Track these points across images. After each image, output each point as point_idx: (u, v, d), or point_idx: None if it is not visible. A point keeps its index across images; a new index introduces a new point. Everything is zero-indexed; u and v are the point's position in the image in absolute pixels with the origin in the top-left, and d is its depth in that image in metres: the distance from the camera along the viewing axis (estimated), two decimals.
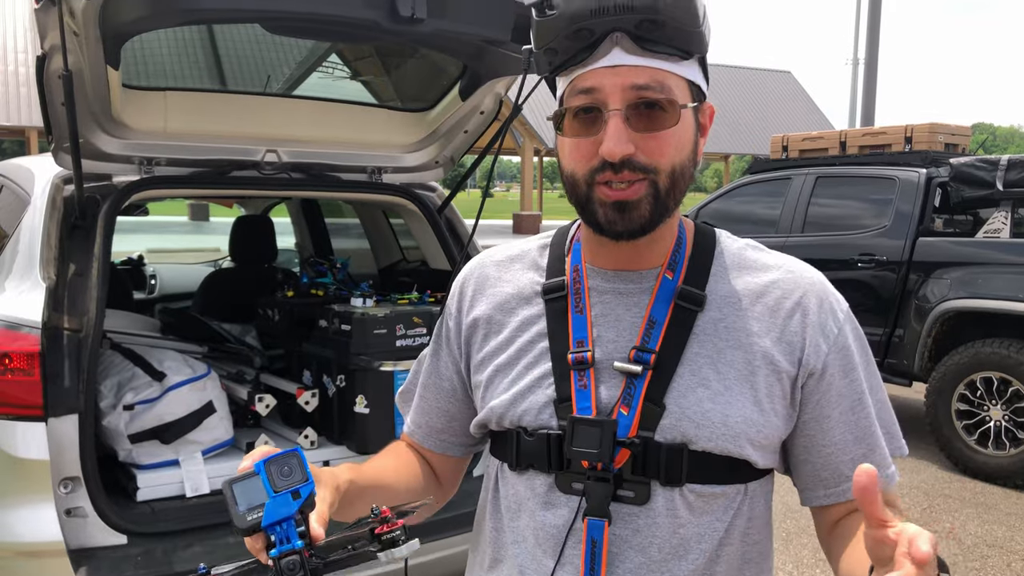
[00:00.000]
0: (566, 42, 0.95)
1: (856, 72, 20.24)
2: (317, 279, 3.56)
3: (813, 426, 1.03)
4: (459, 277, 1.21)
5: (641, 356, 1.01)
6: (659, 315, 1.03)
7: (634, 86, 0.94)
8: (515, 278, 1.14)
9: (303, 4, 2.12)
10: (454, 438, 1.22)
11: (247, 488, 0.86)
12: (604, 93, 0.95)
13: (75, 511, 2.36)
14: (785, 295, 1.04)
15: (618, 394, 1.01)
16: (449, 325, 1.19)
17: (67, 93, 2.26)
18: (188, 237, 20.95)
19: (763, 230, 6.58)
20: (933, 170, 5.80)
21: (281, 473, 0.87)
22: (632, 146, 0.95)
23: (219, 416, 2.85)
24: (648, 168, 0.96)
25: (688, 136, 1.00)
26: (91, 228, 2.59)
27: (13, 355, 2.33)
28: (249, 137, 2.95)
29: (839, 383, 1.03)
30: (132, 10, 2.10)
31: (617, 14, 0.92)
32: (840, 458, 1.04)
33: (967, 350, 5.26)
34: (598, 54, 0.95)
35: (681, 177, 0.99)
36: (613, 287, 1.06)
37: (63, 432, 2.33)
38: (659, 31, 0.93)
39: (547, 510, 1.04)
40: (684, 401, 0.99)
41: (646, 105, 0.95)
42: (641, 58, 0.94)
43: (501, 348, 1.10)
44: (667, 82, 0.96)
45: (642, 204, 0.97)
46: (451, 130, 3.18)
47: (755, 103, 32.58)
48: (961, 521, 4.55)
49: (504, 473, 1.11)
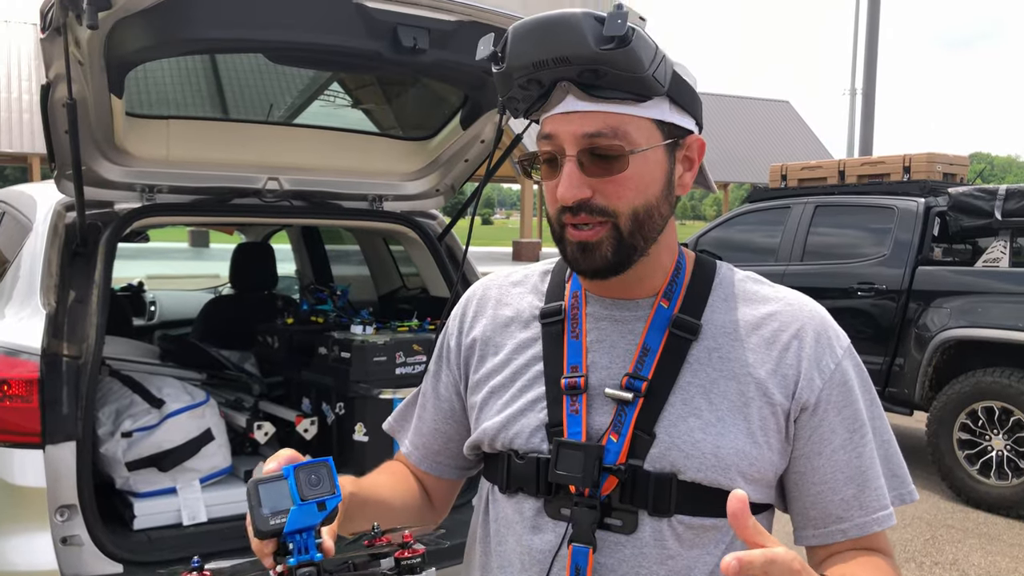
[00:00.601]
0: (521, 91, 0.98)
1: (854, 102, 20.39)
2: (317, 306, 3.57)
3: (803, 463, 1.02)
4: (462, 298, 1.22)
5: (633, 383, 1.01)
6: (653, 343, 1.03)
7: (585, 134, 0.96)
8: (515, 301, 1.15)
9: (306, 35, 2.15)
10: (450, 460, 1.23)
11: (273, 491, 0.85)
12: (560, 139, 0.97)
13: (71, 539, 2.34)
14: (782, 327, 1.03)
15: (609, 420, 1.01)
16: (450, 345, 1.20)
17: (71, 121, 2.27)
18: (188, 263, 20.98)
19: (762, 258, 6.59)
20: (932, 199, 5.83)
21: (310, 482, 0.86)
22: (587, 190, 0.97)
23: (217, 444, 2.84)
24: (607, 211, 0.98)
25: (655, 175, 1.00)
26: (92, 255, 2.59)
27: (12, 381, 2.33)
28: (251, 165, 2.96)
29: (832, 419, 1.01)
30: (136, 40, 2.12)
31: (556, 67, 0.93)
32: (829, 497, 1.02)
33: (968, 379, 5.25)
34: (552, 101, 0.97)
35: (647, 217, 1.00)
36: (609, 314, 1.07)
37: (61, 459, 2.32)
38: (603, 79, 0.93)
39: (534, 534, 1.04)
40: (674, 430, 0.99)
41: (599, 151, 0.96)
42: (593, 103, 0.95)
43: (497, 370, 1.11)
44: (623, 127, 0.96)
45: (603, 245, 0.98)
46: (452, 159, 3.20)
47: (754, 132, 32.78)
48: (964, 552, 4.51)
49: (495, 496, 1.11)
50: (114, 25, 2.03)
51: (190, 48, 2.36)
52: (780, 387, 1.01)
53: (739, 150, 30.44)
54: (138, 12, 1.99)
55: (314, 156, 3.08)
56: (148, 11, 1.98)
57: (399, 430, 1.28)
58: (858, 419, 1.02)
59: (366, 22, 2.11)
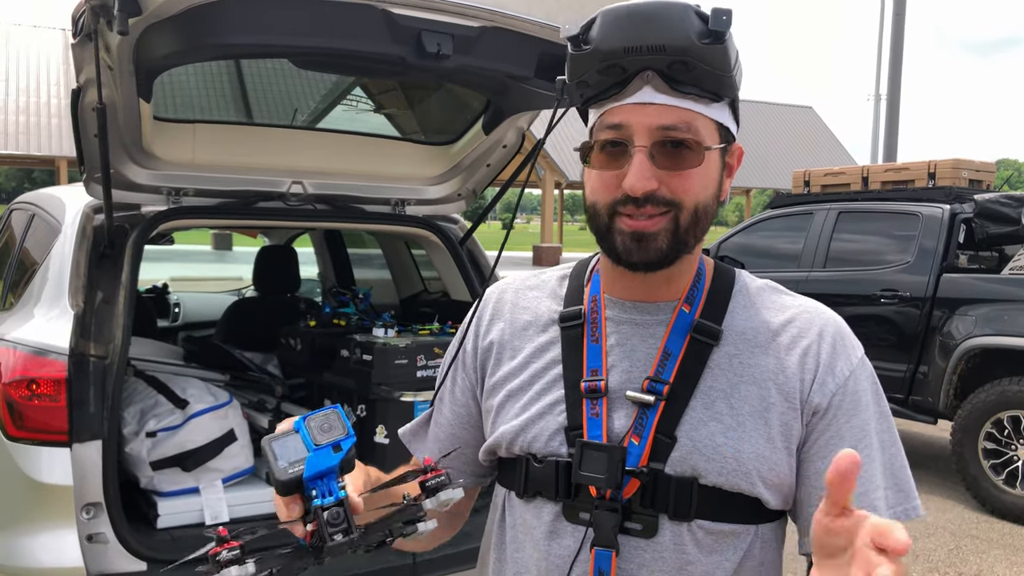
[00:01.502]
0: (598, 77, 0.97)
1: (878, 107, 20.25)
2: (339, 309, 3.59)
3: (807, 467, 1.01)
4: (481, 303, 1.21)
5: (654, 387, 1.01)
6: (674, 347, 1.02)
7: (661, 126, 0.96)
8: (533, 305, 1.15)
9: (332, 40, 2.17)
10: (466, 467, 1.20)
11: (287, 444, 0.86)
12: (631, 129, 0.96)
13: (96, 537, 2.37)
14: (801, 334, 1.03)
15: (630, 424, 1.00)
16: (467, 348, 1.19)
17: (100, 126, 2.31)
18: (211, 266, 21.16)
19: (785, 265, 6.56)
20: (957, 206, 5.77)
21: (321, 428, 0.87)
22: (655, 182, 0.96)
23: (240, 444, 2.86)
24: (672, 202, 0.97)
25: (713, 176, 1.01)
26: (119, 257, 2.63)
27: (40, 380, 2.37)
28: (275, 169, 2.99)
29: (840, 425, 1.00)
30: (165, 45, 2.15)
31: (649, 54, 0.93)
32: None
33: (993, 388, 5.19)
34: (628, 91, 0.96)
35: (704, 215, 1.00)
36: (630, 318, 1.06)
37: (87, 458, 2.36)
38: (690, 73, 0.94)
39: (553, 540, 1.03)
40: (696, 434, 0.99)
41: (672, 144, 0.96)
42: (670, 98, 0.96)
43: (515, 373, 1.11)
44: (694, 123, 0.97)
45: (660, 236, 0.98)
46: (474, 163, 3.21)
47: (777, 138, 32.60)
48: (989, 563, 4.46)
49: (511, 501, 1.10)
50: (144, 31, 2.06)
51: (218, 53, 2.39)
52: (797, 392, 1.00)
53: (762, 156, 30.28)
54: (167, 18, 2.02)
55: (337, 160, 3.11)
56: (177, 17, 2.01)
57: (413, 441, 1.26)
58: (865, 429, 1.00)
59: (391, 28, 2.13)
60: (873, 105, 21.00)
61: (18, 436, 2.36)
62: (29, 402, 2.36)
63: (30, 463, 2.33)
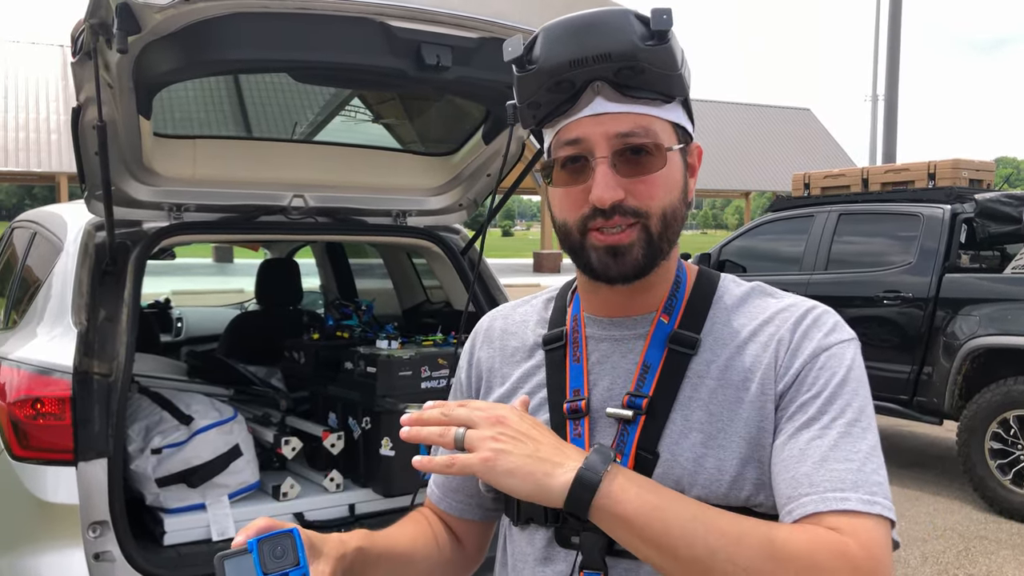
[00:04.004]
0: (548, 95, 0.96)
1: (876, 108, 20.27)
2: (343, 321, 3.59)
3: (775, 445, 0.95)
4: (472, 334, 1.22)
5: (633, 402, 0.99)
6: (653, 360, 1.01)
7: (618, 134, 0.96)
8: (520, 331, 1.15)
9: (332, 55, 2.17)
10: (468, 499, 1.18)
11: (238, 565, 0.86)
12: (590, 142, 0.96)
13: (103, 555, 2.36)
14: (777, 329, 1.00)
15: (611, 442, 0.99)
16: (461, 379, 1.20)
17: (101, 143, 2.32)
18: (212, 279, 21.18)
19: (786, 267, 6.57)
20: (958, 206, 5.77)
21: (274, 554, 0.87)
22: (621, 191, 0.95)
23: (246, 459, 2.86)
24: (639, 212, 0.97)
25: (677, 178, 1.01)
26: (121, 274, 2.64)
27: (45, 399, 2.37)
28: (276, 183, 3.00)
29: (803, 397, 0.94)
30: (164, 62, 2.16)
31: (596, 63, 0.93)
32: (784, 475, 0.92)
33: (998, 388, 5.18)
34: (580, 104, 0.96)
35: (673, 218, 0.99)
36: (609, 334, 1.06)
37: (92, 476, 2.35)
38: (639, 77, 0.94)
39: (546, 565, 1.03)
40: (677, 448, 0.97)
41: (632, 151, 0.96)
42: (623, 104, 0.96)
43: (504, 399, 1.10)
44: (651, 127, 0.97)
45: (635, 248, 0.97)
46: (474, 173, 3.22)
47: (775, 140, 32.66)
48: (998, 564, 4.44)
49: (510, 531, 1.10)
50: (143, 48, 2.07)
51: (217, 69, 2.40)
52: (772, 381, 0.97)
53: (760, 159, 30.32)
54: (166, 35, 2.02)
55: (338, 173, 3.12)
56: (175, 34, 2.02)
57: None
58: (830, 405, 0.93)
59: (390, 41, 2.13)
60: (871, 106, 21.04)
61: (23, 456, 2.36)
62: (34, 421, 2.35)
63: (36, 482, 2.33)
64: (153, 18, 1.90)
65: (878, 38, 19.78)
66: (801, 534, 0.85)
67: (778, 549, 0.83)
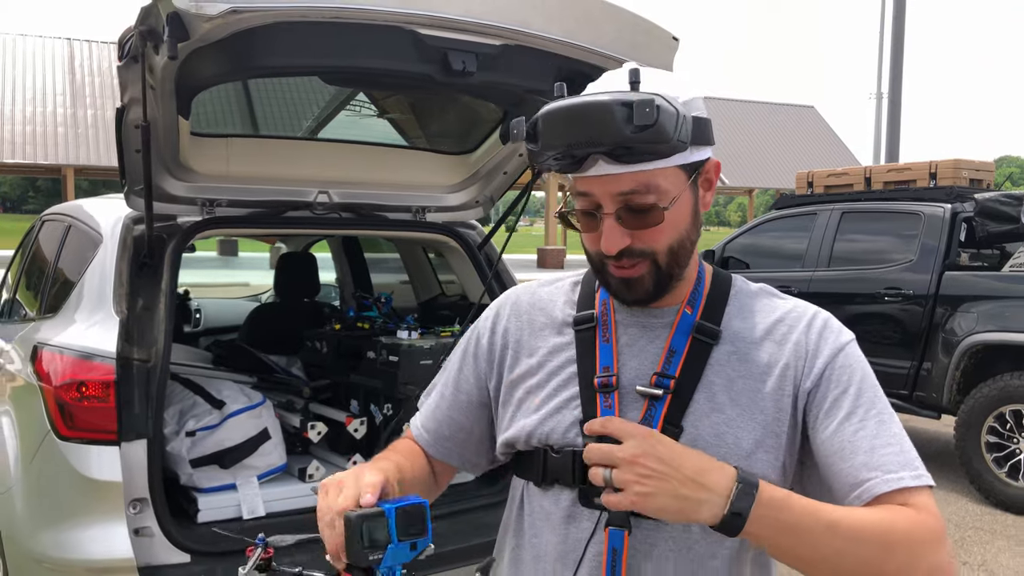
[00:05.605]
0: (556, 162, 1.07)
1: (880, 106, 20.35)
2: (363, 313, 3.73)
3: (816, 435, 1.09)
4: (495, 302, 1.32)
5: (661, 381, 1.12)
6: (678, 346, 1.15)
7: (621, 192, 1.06)
8: (549, 308, 1.26)
9: (363, 60, 2.30)
10: (456, 448, 1.31)
11: (373, 527, 0.91)
12: (597, 198, 1.08)
13: (143, 531, 2.50)
14: (790, 330, 1.15)
15: (640, 415, 1.12)
16: (482, 343, 1.29)
17: (144, 142, 2.45)
18: (217, 272, 21.30)
19: (789, 264, 6.68)
20: (958, 205, 5.89)
21: (408, 522, 0.93)
22: (627, 239, 1.08)
23: (274, 443, 3.00)
24: (646, 252, 1.10)
25: (684, 214, 1.11)
26: (158, 265, 2.77)
27: (89, 383, 2.51)
28: (303, 180, 3.13)
29: (835, 394, 1.09)
30: (207, 67, 2.28)
31: (590, 147, 1.03)
32: (839, 467, 1.06)
33: (995, 383, 5.31)
34: (585, 167, 1.06)
35: (681, 248, 1.12)
36: (638, 321, 1.19)
37: (133, 456, 2.49)
38: (632, 152, 1.03)
39: (570, 524, 1.14)
40: (700, 424, 1.11)
41: (634, 208, 1.07)
42: (624, 166, 1.04)
43: (532, 372, 1.22)
44: (654, 181, 1.06)
45: (645, 280, 1.12)
46: (491, 172, 3.35)
47: (779, 138, 32.70)
48: (993, 553, 4.58)
49: (529, 491, 1.20)
50: (188, 54, 2.20)
51: (256, 74, 2.53)
52: (791, 379, 1.12)
53: (764, 156, 30.37)
54: (212, 42, 2.15)
55: (361, 170, 3.24)
56: (221, 41, 2.14)
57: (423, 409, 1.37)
58: (862, 397, 1.09)
59: (419, 48, 2.25)
60: (875, 103, 21.10)
61: (69, 436, 2.50)
62: (79, 403, 2.49)
63: (82, 461, 2.47)
64: (202, 27, 2.02)
65: (883, 35, 19.85)
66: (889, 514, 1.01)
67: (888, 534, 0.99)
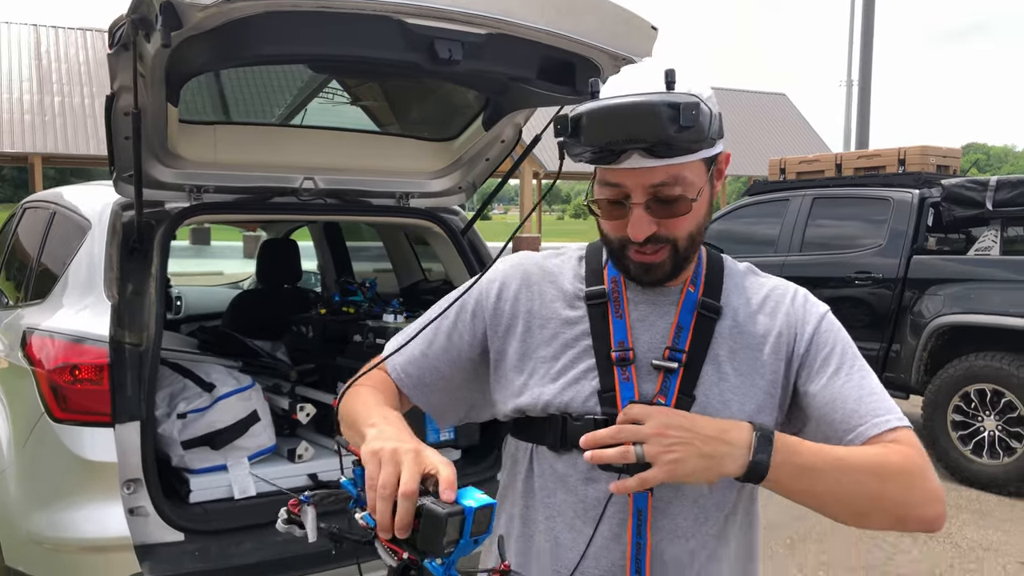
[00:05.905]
0: (592, 154, 1.14)
1: (850, 93, 20.59)
2: (348, 298, 3.78)
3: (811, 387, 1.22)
4: (500, 268, 1.36)
5: (674, 355, 1.22)
6: (685, 322, 1.25)
7: (652, 184, 1.14)
8: (559, 280, 1.33)
9: (351, 49, 2.34)
10: (432, 395, 1.35)
11: (456, 524, 0.99)
12: (627, 188, 1.16)
13: (137, 510, 2.56)
14: (779, 303, 1.28)
15: (655, 387, 1.21)
16: (485, 305, 1.33)
17: (134, 129, 2.49)
18: (189, 261, 21.19)
19: (763, 249, 6.81)
20: (926, 191, 6.05)
21: (481, 523, 1.00)
22: (654, 227, 1.17)
23: (263, 424, 3.06)
24: (668, 239, 1.19)
25: (703, 204, 1.20)
26: (148, 251, 2.81)
27: (82, 366, 2.55)
28: (288, 166, 3.17)
29: (825, 353, 1.23)
30: (198, 55, 2.31)
31: (632, 143, 1.10)
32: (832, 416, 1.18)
33: (961, 363, 5.48)
34: (620, 160, 1.13)
35: (698, 234, 1.22)
36: (648, 298, 1.27)
37: (127, 438, 2.54)
38: (670, 148, 1.11)
39: (588, 485, 1.22)
40: (710, 392, 1.22)
41: (663, 199, 1.16)
42: (657, 160, 1.12)
43: (546, 342, 1.28)
44: (682, 173, 1.14)
45: (664, 264, 1.21)
46: (474, 158, 3.41)
47: (750, 125, 32.93)
48: (958, 526, 4.75)
49: (541, 454, 1.27)
50: (179, 42, 2.24)
51: (245, 62, 2.57)
52: (785, 345, 1.25)
53: (736, 143, 30.56)
54: (203, 31, 2.19)
55: (346, 157, 3.29)
56: (213, 29, 2.18)
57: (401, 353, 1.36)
58: (846, 355, 1.23)
59: (406, 37, 2.30)
60: (845, 91, 21.36)
61: (63, 418, 2.54)
62: (73, 386, 2.54)
63: (77, 442, 2.51)
64: (195, 16, 2.05)
65: (853, 23, 20.08)
66: (883, 450, 1.14)
67: (884, 467, 1.13)
